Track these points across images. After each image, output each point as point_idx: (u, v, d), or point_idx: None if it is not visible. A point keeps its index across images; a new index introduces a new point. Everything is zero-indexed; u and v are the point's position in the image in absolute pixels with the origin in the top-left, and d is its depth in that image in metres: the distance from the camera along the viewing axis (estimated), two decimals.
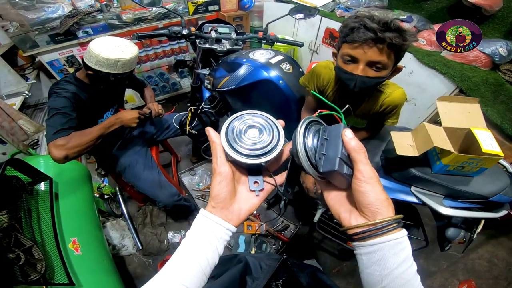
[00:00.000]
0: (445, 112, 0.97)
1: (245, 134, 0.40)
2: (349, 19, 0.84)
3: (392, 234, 0.35)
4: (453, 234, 1.10)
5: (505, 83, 1.58)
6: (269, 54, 1.32)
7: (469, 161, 0.89)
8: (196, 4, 2.12)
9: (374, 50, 0.80)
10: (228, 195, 0.41)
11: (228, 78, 1.31)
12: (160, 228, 1.94)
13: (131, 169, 1.54)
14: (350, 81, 0.89)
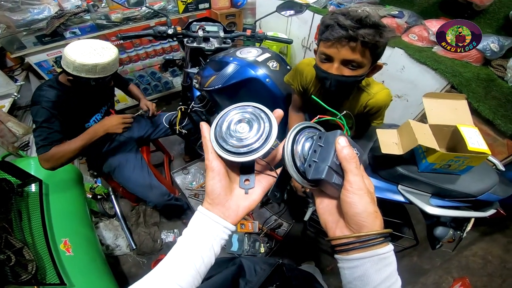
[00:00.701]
0: (431, 109, 0.96)
1: (233, 130, 0.38)
2: (327, 16, 0.83)
3: (377, 250, 0.34)
4: (442, 233, 1.09)
5: (496, 79, 1.57)
6: (257, 52, 1.31)
7: (455, 159, 0.87)
8: (186, 3, 2.10)
9: (347, 48, 0.79)
10: (223, 191, 0.39)
11: (215, 77, 1.29)
12: (154, 227, 1.94)
13: (121, 170, 1.54)
14: (326, 80, 0.89)
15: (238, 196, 0.41)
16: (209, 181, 0.39)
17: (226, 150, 0.37)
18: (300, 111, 1.24)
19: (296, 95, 1.17)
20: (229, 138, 0.37)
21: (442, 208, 0.96)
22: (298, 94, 1.15)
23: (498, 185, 0.97)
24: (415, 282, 1.73)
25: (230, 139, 0.37)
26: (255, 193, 0.42)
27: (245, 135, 0.37)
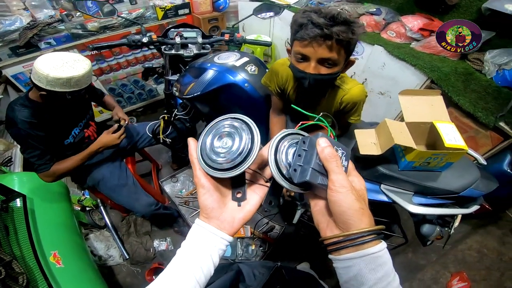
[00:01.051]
0: (408, 106, 0.96)
1: (216, 146, 0.38)
2: (298, 14, 0.81)
3: (368, 249, 0.33)
4: (429, 230, 1.09)
5: (474, 72, 1.59)
6: (235, 56, 1.29)
7: (433, 157, 0.88)
8: (164, 9, 2.06)
9: (324, 47, 0.79)
10: (216, 205, 0.39)
11: (194, 84, 1.27)
12: (145, 236, 1.92)
13: (105, 182, 1.51)
14: (304, 80, 0.88)
15: (233, 209, 0.41)
16: (200, 197, 0.39)
17: (211, 167, 0.37)
18: (281, 114, 1.23)
19: (275, 97, 1.16)
20: (213, 155, 0.38)
21: (425, 207, 0.96)
22: (277, 96, 1.14)
23: (480, 180, 0.97)
24: (413, 279, 1.73)
25: (213, 156, 0.37)
26: (250, 204, 0.42)
27: (228, 150, 0.37)
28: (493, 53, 1.49)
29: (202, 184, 0.39)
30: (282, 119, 1.24)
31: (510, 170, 1.56)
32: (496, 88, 1.50)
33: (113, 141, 1.37)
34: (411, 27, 1.80)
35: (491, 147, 1.62)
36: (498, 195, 1.61)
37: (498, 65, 1.45)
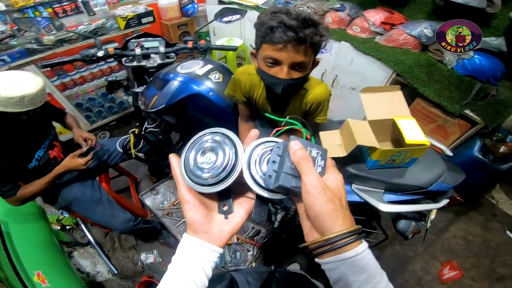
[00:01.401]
0: (369, 104, 0.96)
1: (200, 162, 0.38)
2: (265, 16, 0.77)
3: (347, 252, 0.33)
4: (404, 226, 1.10)
5: (436, 63, 1.64)
6: (198, 65, 1.26)
7: (397, 154, 0.89)
8: (126, 19, 1.99)
9: (298, 50, 0.77)
10: (203, 219, 0.39)
11: (158, 97, 1.23)
12: (131, 251, 1.90)
13: (78, 202, 1.46)
14: (277, 86, 0.85)
15: (220, 222, 0.41)
16: (186, 213, 0.39)
17: (197, 183, 0.37)
18: (249, 120, 1.21)
19: (241, 105, 1.14)
20: (197, 171, 0.37)
21: (395, 204, 0.95)
22: (243, 104, 1.12)
23: (447, 173, 0.98)
24: (404, 270, 1.74)
25: (197, 172, 0.37)
26: (237, 216, 0.41)
27: (212, 165, 0.37)
28: None
29: (187, 200, 0.39)
30: (251, 125, 1.22)
31: (480, 156, 1.61)
32: (458, 77, 1.55)
33: (78, 167, 1.31)
34: (373, 21, 1.83)
35: (460, 134, 1.68)
36: (473, 182, 1.69)
37: (457, 55, 1.50)
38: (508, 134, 1.61)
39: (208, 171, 0.37)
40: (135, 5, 2.11)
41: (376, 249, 1.80)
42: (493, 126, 1.47)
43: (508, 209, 2.04)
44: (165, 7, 2.56)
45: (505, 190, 2.15)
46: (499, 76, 1.48)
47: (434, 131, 1.79)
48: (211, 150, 0.38)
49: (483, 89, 1.51)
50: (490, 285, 1.66)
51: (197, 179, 0.37)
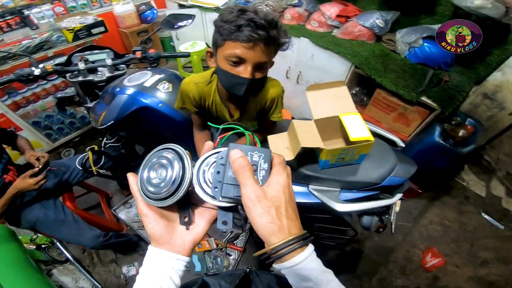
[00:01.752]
0: (315, 102, 0.94)
1: (152, 177, 0.40)
2: (230, 13, 0.74)
3: (286, 262, 0.34)
4: (368, 222, 1.10)
5: (390, 53, 1.67)
6: (145, 76, 1.21)
7: (343, 152, 0.88)
8: (73, 31, 1.89)
9: (264, 50, 0.75)
10: (164, 231, 0.40)
11: (106, 113, 1.17)
12: (112, 264, 1.87)
13: (42, 223, 1.43)
14: (240, 86, 0.82)
15: (182, 232, 0.42)
16: (146, 226, 0.40)
17: (150, 198, 0.39)
18: (204, 129, 1.17)
19: (193, 115, 1.10)
20: (149, 187, 0.39)
21: (352, 203, 0.95)
22: (195, 114, 1.08)
23: (399, 166, 0.98)
24: (386, 262, 1.74)
25: (150, 187, 0.39)
26: (198, 226, 0.43)
27: (163, 180, 0.38)
28: (402, 33, 1.57)
29: (145, 214, 0.40)
30: (206, 134, 1.18)
31: (442, 141, 1.64)
32: (411, 66, 1.58)
33: (29, 187, 1.26)
34: (329, 15, 1.84)
35: (421, 121, 1.72)
36: (439, 166, 1.73)
37: (408, 43, 1.53)
38: (466, 118, 1.65)
39: (159, 186, 0.38)
40: (83, 16, 2.00)
41: (356, 243, 1.82)
42: (449, 111, 1.51)
43: (480, 191, 2.07)
44: (122, 15, 2.47)
45: (474, 171, 2.18)
46: (449, 62, 1.52)
47: (396, 120, 1.82)
48: (161, 166, 0.39)
49: (436, 76, 1.55)
50: (474, 270, 1.67)
51: (151, 194, 0.39)
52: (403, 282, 1.68)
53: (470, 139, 1.58)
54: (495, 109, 1.58)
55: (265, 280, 0.71)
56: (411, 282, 1.67)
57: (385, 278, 1.69)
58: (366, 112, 1.97)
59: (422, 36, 1.50)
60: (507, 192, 2.02)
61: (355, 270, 1.75)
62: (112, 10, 2.48)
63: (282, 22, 2.11)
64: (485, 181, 2.09)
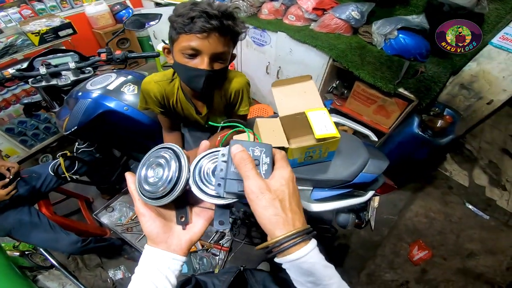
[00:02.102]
0: (281, 98, 0.89)
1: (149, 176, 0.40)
2: (183, 7, 0.73)
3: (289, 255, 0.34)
4: (344, 220, 1.07)
5: (366, 45, 1.64)
6: (109, 78, 1.16)
7: (310, 151, 0.86)
8: (39, 34, 1.82)
9: (220, 41, 0.75)
10: (160, 230, 0.40)
11: (69, 118, 1.12)
12: (98, 269, 1.85)
13: (17, 231, 1.41)
14: (198, 78, 0.80)
15: (179, 232, 0.42)
16: (143, 225, 0.40)
17: (148, 197, 0.39)
18: (173, 130, 1.13)
19: (160, 116, 1.06)
20: (146, 185, 0.39)
21: (322, 202, 0.92)
22: (161, 114, 1.04)
23: (371, 162, 0.95)
24: (374, 256, 1.73)
25: (147, 186, 0.39)
26: (195, 226, 0.43)
27: (159, 179, 0.39)
28: (378, 24, 1.54)
29: (142, 213, 0.40)
30: (177, 135, 1.14)
31: (420, 132, 1.62)
32: (388, 58, 1.56)
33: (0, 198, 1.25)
34: (306, 8, 1.80)
35: (400, 113, 1.70)
36: (419, 158, 1.72)
37: (384, 35, 1.51)
38: (445, 108, 1.64)
39: (156, 185, 0.38)
40: (50, 19, 1.92)
41: (342, 238, 1.81)
42: (426, 102, 1.50)
43: (463, 180, 2.07)
44: (95, 16, 2.39)
45: (456, 160, 2.18)
46: (425, 53, 1.50)
47: (376, 112, 1.81)
48: (158, 165, 0.40)
49: (412, 67, 1.53)
50: (461, 262, 1.67)
51: (148, 193, 0.39)
52: (392, 276, 1.67)
53: (449, 129, 1.57)
54: (473, 99, 1.58)
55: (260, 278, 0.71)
56: (399, 276, 1.67)
57: (373, 272, 1.69)
58: (346, 105, 1.95)
59: (397, 28, 1.48)
60: (490, 181, 2.03)
61: (342, 265, 1.74)
62: (84, 11, 2.39)
63: (260, 17, 2.06)
64: (468, 171, 2.10)
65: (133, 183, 0.41)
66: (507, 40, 1.32)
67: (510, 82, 1.42)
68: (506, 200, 1.90)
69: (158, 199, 0.38)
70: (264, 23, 1.96)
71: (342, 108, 1.98)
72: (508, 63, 1.38)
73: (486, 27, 1.42)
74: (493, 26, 1.39)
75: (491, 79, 1.47)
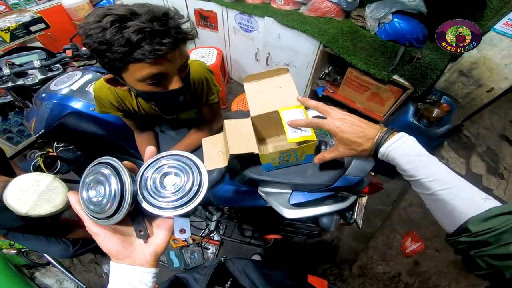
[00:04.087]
0: (254, 95, 0.81)
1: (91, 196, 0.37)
2: (103, 30, 0.54)
3: (391, 139, 0.52)
4: (327, 222, 0.99)
5: (359, 29, 1.52)
6: (74, 77, 1.08)
7: (284, 155, 0.79)
8: (9, 30, 1.72)
9: (179, 52, 0.63)
10: (121, 247, 0.39)
11: (35, 121, 1.06)
12: (92, 264, 1.89)
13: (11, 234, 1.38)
14: (175, 97, 0.72)
15: (141, 245, 0.41)
16: (100, 244, 0.39)
17: (97, 217, 0.37)
18: (144, 130, 1.06)
19: (124, 118, 0.97)
20: (91, 205, 0.37)
21: (300, 208, 0.85)
22: (125, 117, 0.96)
23: (354, 163, 0.87)
24: (366, 248, 1.71)
25: (92, 206, 0.37)
26: (157, 238, 0.42)
27: (102, 197, 0.36)
28: (371, 7, 1.42)
29: (96, 233, 0.38)
30: (149, 135, 1.07)
31: (415, 121, 1.54)
32: (382, 43, 1.45)
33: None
34: None
35: (395, 100, 1.61)
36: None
37: (377, 19, 1.39)
38: (442, 95, 1.55)
39: (101, 204, 0.36)
40: (20, 14, 1.81)
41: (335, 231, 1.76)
42: (422, 90, 1.40)
43: (460, 169, 1.99)
44: (73, 7, 2.26)
45: (454, 147, 2.10)
46: (421, 38, 1.39)
47: (370, 99, 1.72)
48: (98, 183, 0.37)
49: (408, 53, 1.42)
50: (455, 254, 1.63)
51: (95, 214, 0.37)
52: (384, 268, 1.66)
53: (445, 118, 1.48)
54: (472, 86, 1.47)
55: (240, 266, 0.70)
56: (391, 268, 1.65)
57: (365, 265, 1.67)
58: (339, 92, 1.86)
59: (391, 11, 1.36)
60: (488, 169, 1.96)
61: (335, 258, 1.73)
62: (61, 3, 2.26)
63: (247, 1, 1.92)
64: (465, 158, 2.02)
65: (78, 204, 0.38)
66: (511, 26, 1.22)
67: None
68: (503, 190, 1.84)
69: (107, 218, 0.36)
70: (251, 8, 1.82)
71: (334, 95, 1.88)
72: (511, 50, 1.27)
73: (488, 12, 1.31)
74: (497, 11, 1.28)
75: (492, 66, 1.36)
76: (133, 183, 0.38)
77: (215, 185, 1.00)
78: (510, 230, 0.37)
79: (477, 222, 0.40)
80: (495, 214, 0.39)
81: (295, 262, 1.73)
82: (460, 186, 0.43)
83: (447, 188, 0.43)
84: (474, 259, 0.41)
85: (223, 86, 2.42)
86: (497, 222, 0.38)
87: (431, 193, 0.45)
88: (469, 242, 0.41)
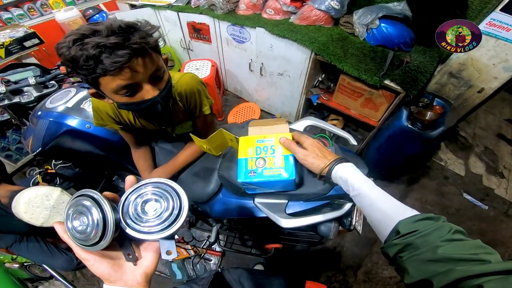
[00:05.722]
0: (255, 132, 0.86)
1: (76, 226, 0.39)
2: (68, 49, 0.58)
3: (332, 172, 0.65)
4: (326, 230, 1.00)
5: (348, 36, 1.55)
6: (69, 94, 1.09)
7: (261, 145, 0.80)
8: (4, 45, 1.74)
9: (145, 61, 0.63)
10: (111, 270, 0.40)
11: (32, 139, 1.07)
12: (95, 278, 1.86)
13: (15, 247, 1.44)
14: (154, 106, 0.72)
15: (131, 267, 0.42)
16: (91, 268, 0.40)
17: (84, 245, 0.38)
18: (141, 145, 1.07)
19: (121, 132, 0.99)
20: (77, 234, 0.38)
21: (296, 218, 0.85)
22: (122, 131, 0.98)
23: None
24: (370, 253, 1.70)
25: (78, 235, 0.38)
26: (146, 260, 0.43)
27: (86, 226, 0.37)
28: (359, 13, 1.45)
29: (85, 258, 0.39)
30: (145, 150, 1.08)
31: (409, 125, 1.54)
32: (371, 49, 1.47)
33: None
34: (284, 0, 1.70)
35: (388, 105, 1.63)
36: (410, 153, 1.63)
37: (365, 25, 1.41)
38: (434, 98, 1.56)
39: (85, 232, 0.38)
40: (14, 29, 1.84)
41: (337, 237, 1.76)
42: (413, 93, 1.41)
43: (459, 170, 1.99)
44: (66, 22, 2.28)
45: (451, 149, 2.11)
46: (409, 42, 1.41)
47: (364, 105, 1.73)
48: (81, 214, 0.38)
49: (397, 57, 1.44)
50: None
51: (82, 241, 0.38)
52: (390, 273, 1.64)
53: (439, 120, 1.49)
54: (463, 87, 1.49)
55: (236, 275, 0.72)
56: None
57: (370, 270, 1.66)
58: (333, 99, 1.87)
59: (378, 16, 1.38)
60: (487, 169, 1.96)
61: (338, 265, 1.71)
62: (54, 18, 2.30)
63: (238, 13, 1.96)
64: (464, 159, 2.03)
65: (64, 233, 0.40)
66: (494, 26, 1.24)
67: (501, 69, 1.33)
68: (504, 189, 1.83)
69: (94, 245, 0.38)
70: (242, 19, 1.86)
71: (329, 103, 1.90)
72: (498, 50, 1.29)
73: (470, 13, 1.34)
74: (478, 11, 1.30)
75: (480, 66, 1.37)
76: (115, 211, 0.39)
77: (212, 198, 1.00)
78: (433, 233, 0.43)
79: (405, 224, 0.47)
80: (419, 219, 0.47)
81: (298, 270, 1.71)
82: (384, 199, 0.56)
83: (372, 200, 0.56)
84: (406, 266, 0.43)
85: (218, 98, 2.44)
86: (421, 225, 0.45)
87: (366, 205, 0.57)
88: (401, 244, 0.45)
